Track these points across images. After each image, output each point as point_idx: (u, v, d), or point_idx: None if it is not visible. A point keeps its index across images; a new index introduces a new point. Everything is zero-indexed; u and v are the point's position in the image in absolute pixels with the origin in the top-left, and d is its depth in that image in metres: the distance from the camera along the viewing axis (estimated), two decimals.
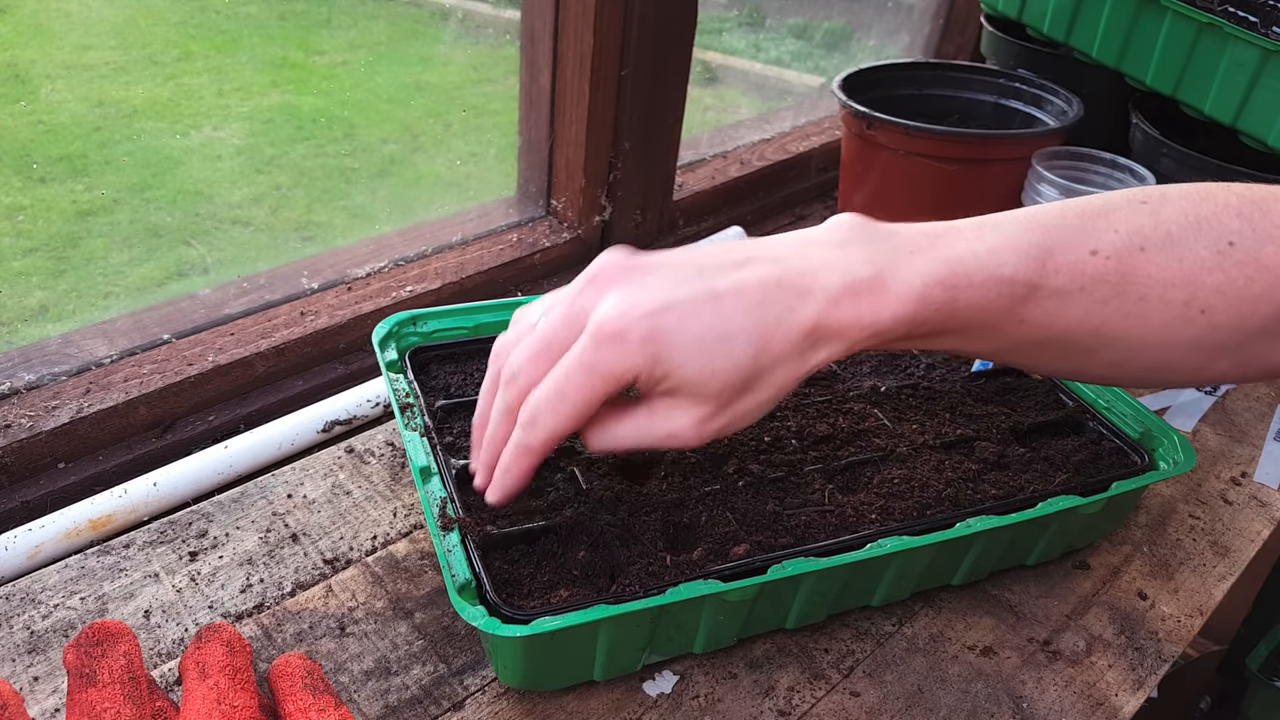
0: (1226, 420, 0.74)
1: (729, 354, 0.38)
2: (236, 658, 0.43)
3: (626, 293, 0.39)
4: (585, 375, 0.39)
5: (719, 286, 0.39)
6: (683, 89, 0.87)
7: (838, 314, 0.39)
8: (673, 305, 0.38)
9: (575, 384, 0.39)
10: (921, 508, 0.52)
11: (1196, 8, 0.75)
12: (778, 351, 0.39)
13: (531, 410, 0.41)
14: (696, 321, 0.38)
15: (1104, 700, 0.50)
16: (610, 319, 0.38)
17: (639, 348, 0.38)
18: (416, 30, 0.95)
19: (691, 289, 0.38)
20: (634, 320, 0.38)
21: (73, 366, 0.66)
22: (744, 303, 0.38)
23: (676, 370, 0.38)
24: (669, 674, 0.49)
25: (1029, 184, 0.80)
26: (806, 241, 0.41)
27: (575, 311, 0.40)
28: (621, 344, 0.38)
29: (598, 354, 0.38)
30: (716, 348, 0.38)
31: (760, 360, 0.38)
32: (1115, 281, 0.39)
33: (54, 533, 0.56)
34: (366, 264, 0.80)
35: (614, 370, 0.38)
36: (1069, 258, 0.39)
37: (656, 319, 0.38)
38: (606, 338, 0.38)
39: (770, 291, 0.39)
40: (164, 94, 0.76)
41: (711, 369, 0.38)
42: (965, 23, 1.26)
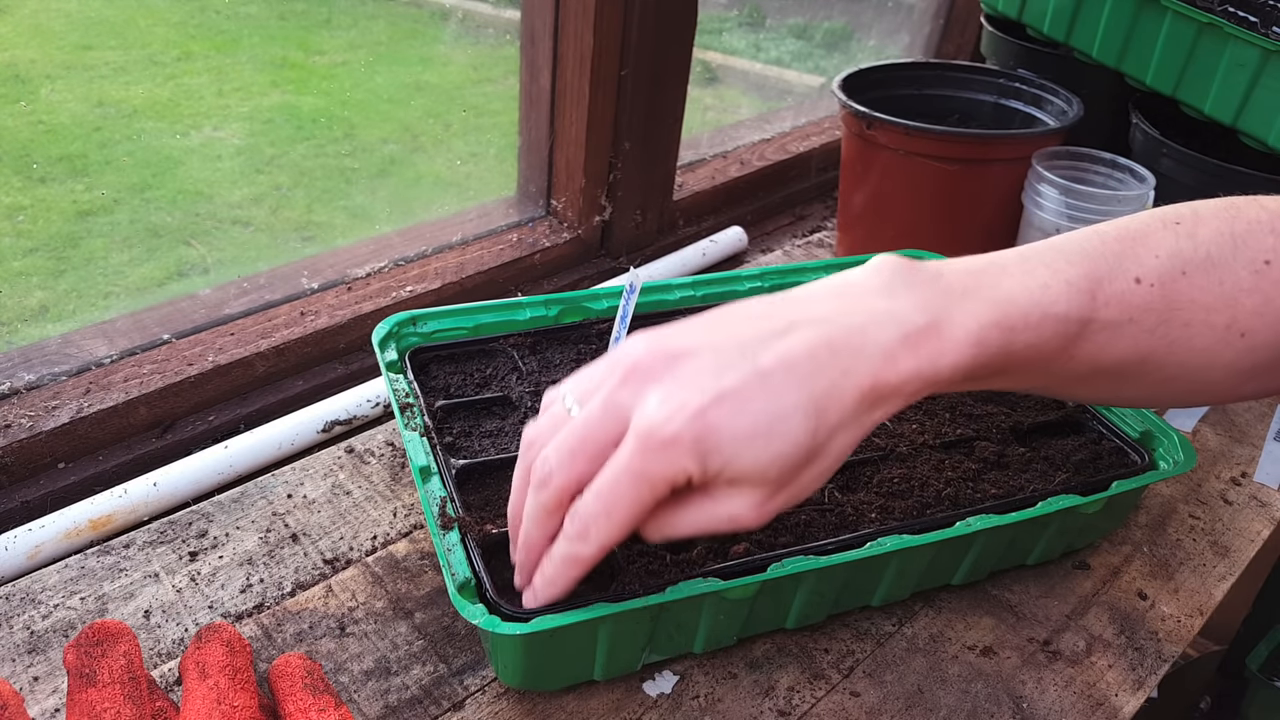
0: (1226, 420, 0.74)
1: (785, 435, 0.36)
2: (236, 658, 0.43)
3: (670, 390, 0.36)
4: (635, 485, 0.36)
5: (765, 364, 0.36)
6: (683, 89, 0.87)
7: (895, 370, 0.37)
8: (722, 397, 0.35)
9: (626, 496, 0.37)
10: (921, 507, 0.52)
11: (1196, 8, 0.75)
12: (835, 420, 0.37)
13: (581, 523, 0.38)
14: (747, 410, 0.36)
15: (1104, 700, 0.50)
16: (657, 424, 0.36)
17: (690, 451, 0.35)
18: (416, 30, 0.95)
19: (737, 374, 0.36)
20: (683, 424, 0.35)
21: (73, 366, 0.66)
22: (794, 377, 0.36)
23: (731, 464, 0.36)
24: (669, 674, 0.49)
25: (1029, 184, 0.80)
26: (848, 291, 0.39)
27: (614, 408, 0.38)
28: (672, 450, 0.36)
29: (646, 463, 0.36)
30: (771, 432, 0.36)
31: (818, 434, 0.36)
32: (1161, 309, 0.38)
33: (54, 533, 0.56)
34: (366, 264, 0.80)
35: (665, 476, 0.36)
36: (1116, 288, 0.38)
37: (705, 417, 0.35)
38: (656, 446, 0.36)
39: (821, 359, 0.36)
40: (164, 94, 0.76)
41: (770, 455, 0.36)
42: (965, 23, 1.26)
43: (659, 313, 0.67)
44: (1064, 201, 0.76)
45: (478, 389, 0.60)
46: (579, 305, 0.66)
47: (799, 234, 1.04)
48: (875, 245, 0.86)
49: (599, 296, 0.67)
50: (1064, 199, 0.76)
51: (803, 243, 0.99)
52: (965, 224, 0.85)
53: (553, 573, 0.40)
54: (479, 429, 0.56)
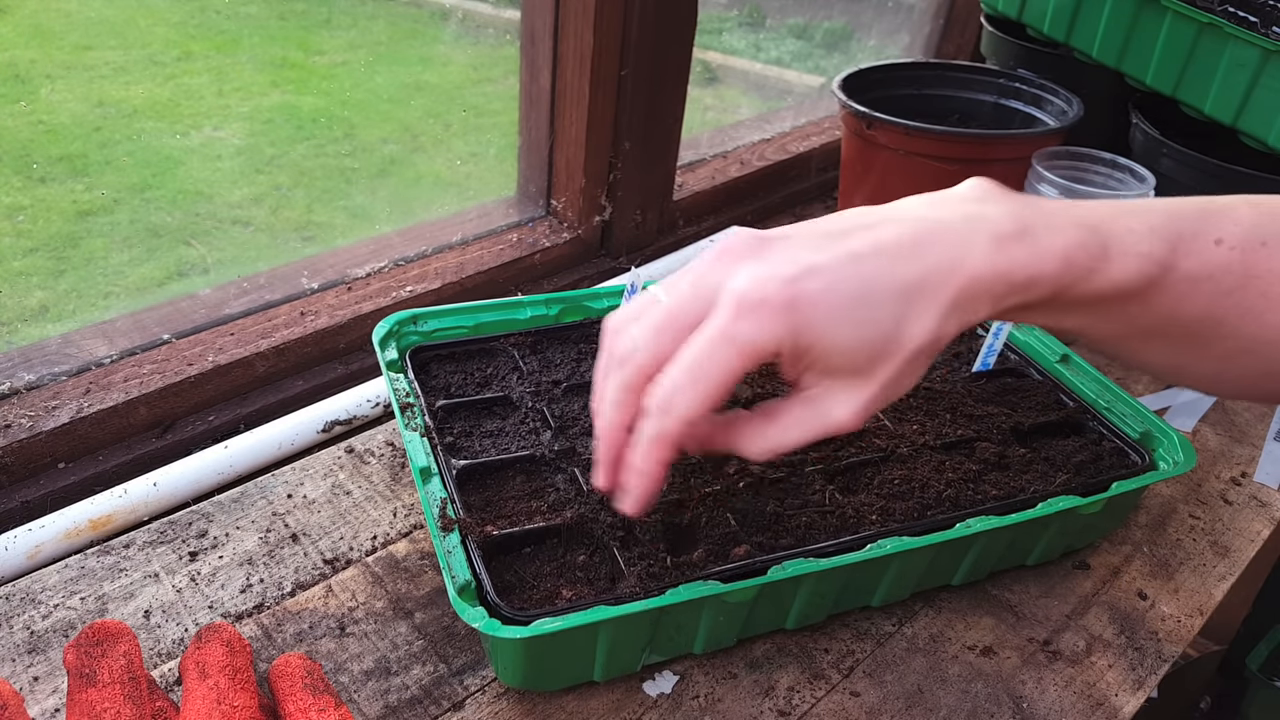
0: (1226, 420, 0.74)
1: (874, 318, 0.36)
2: (236, 658, 0.43)
3: (762, 263, 0.37)
4: (724, 348, 0.36)
5: (857, 248, 0.36)
6: (683, 89, 0.87)
7: (990, 266, 0.36)
8: (814, 270, 0.36)
9: (714, 358, 0.36)
10: (922, 508, 0.52)
11: (1196, 8, 0.75)
12: (925, 311, 0.36)
13: (665, 393, 0.37)
14: (839, 287, 0.36)
15: (1104, 700, 0.50)
16: (749, 288, 0.36)
17: (781, 316, 0.35)
18: (416, 30, 0.95)
19: (829, 254, 0.36)
20: (775, 288, 0.35)
21: (73, 366, 0.66)
22: (886, 261, 0.36)
23: (821, 340, 0.36)
24: (669, 674, 0.49)
25: (1029, 184, 0.80)
26: (942, 200, 0.39)
27: (704, 285, 0.38)
28: (763, 312, 0.35)
29: (737, 324, 0.36)
30: (862, 312, 0.36)
31: (908, 321, 0.36)
32: (1239, 273, 0.38)
33: (54, 533, 0.56)
34: (366, 264, 0.80)
35: (755, 340, 0.36)
36: (1197, 244, 0.38)
37: (798, 285, 0.35)
38: (747, 307, 0.36)
39: (914, 249, 0.36)
40: (164, 94, 0.76)
41: (861, 337, 0.36)
42: (965, 23, 1.26)
43: None
44: None
45: (478, 389, 0.60)
46: (580, 304, 0.66)
47: None
48: None
49: (599, 296, 0.67)
50: (1064, 199, 0.76)
51: None
52: None
53: (640, 460, 0.39)
54: (480, 429, 0.56)
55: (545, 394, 0.59)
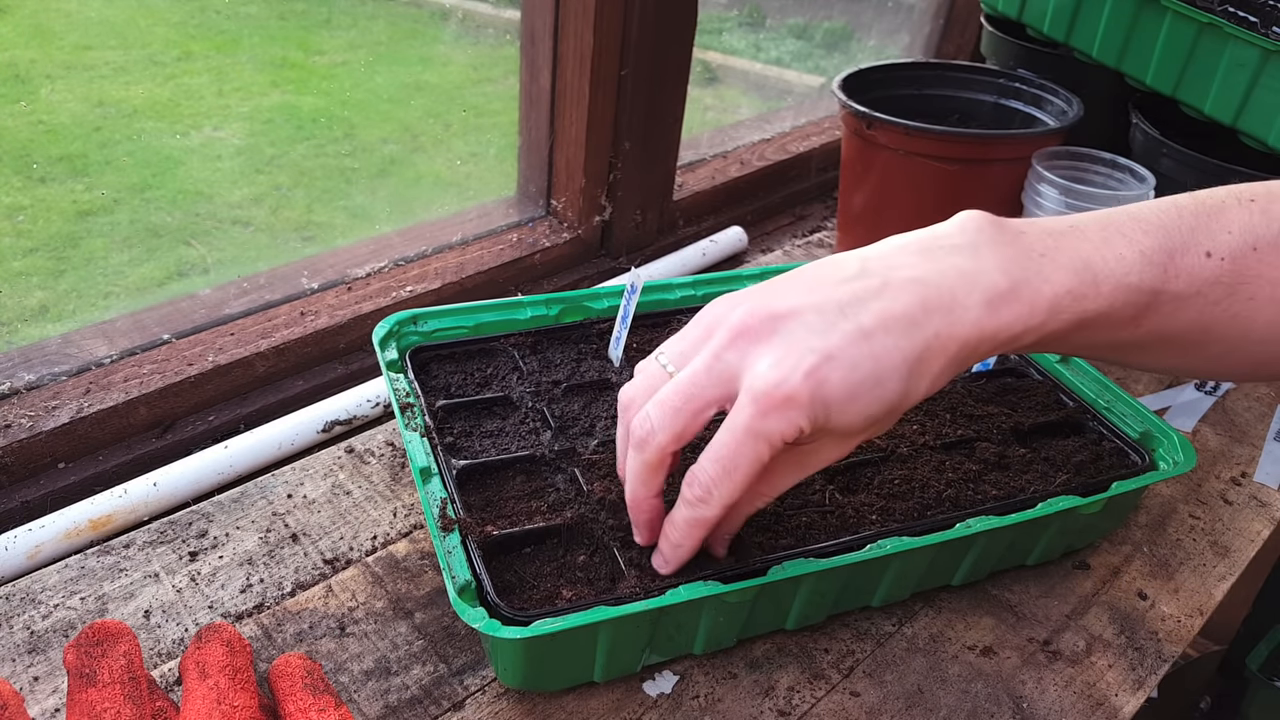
0: (1226, 420, 0.74)
1: (882, 395, 0.38)
2: (236, 658, 0.43)
3: (781, 351, 0.38)
4: (754, 444, 0.38)
5: (866, 324, 0.38)
6: (683, 89, 0.87)
7: (979, 330, 0.39)
8: (831, 357, 0.37)
9: (746, 455, 0.38)
10: (922, 508, 0.52)
11: (1196, 8, 0.75)
12: (924, 377, 0.39)
13: (703, 488, 0.40)
14: (855, 371, 0.38)
15: (1104, 700, 0.50)
16: (776, 384, 0.37)
17: (806, 408, 0.37)
18: (416, 30, 0.95)
19: (842, 335, 0.38)
20: (799, 383, 0.37)
21: (73, 366, 0.66)
22: (893, 338, 0.38)
23: (840, 419, 0.38)
24: (669, 674, 0.49)
25: (1029, 184, 0.80)
26: (934, 249, 0.40)
27: (720, 367, 0.39)
28: (790, 409, 0.37)
29: (767, 422, 0.38)
30: (872, 391, 0.38)
31: (910, 390, 0.39)
32: (1229, 283, 0.39)
33: (54, 533, 0.56)
34: (366, 264, 0.80)
35: (782, 433, 0.38)
36: (1187, 261, 0.39)
37: (818, 377, 0.37)
38: (776, 404, 0.37)
39: (916, 320, 0.38)
40: (164, 94, 0.76)
41: (869, 411, 0.38)
42: (965, 23, 1.26)
43: (660, 312, 0.67)
44: (1064, 201, 0.76)
45: (478, 389, 0.60)
46: (580, 305, 0.66)
47: (799, 234, 1.04)
48: None
49: (600, 296, 0.67)
50: (1064, 199, 0.76)
51: (803, 243, 0.99)
52: None
53: (679, 537, 0.43)
54: (480, 429, 0.56)
55: (545, 394, 0.59)
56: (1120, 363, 0.45)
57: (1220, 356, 0.42)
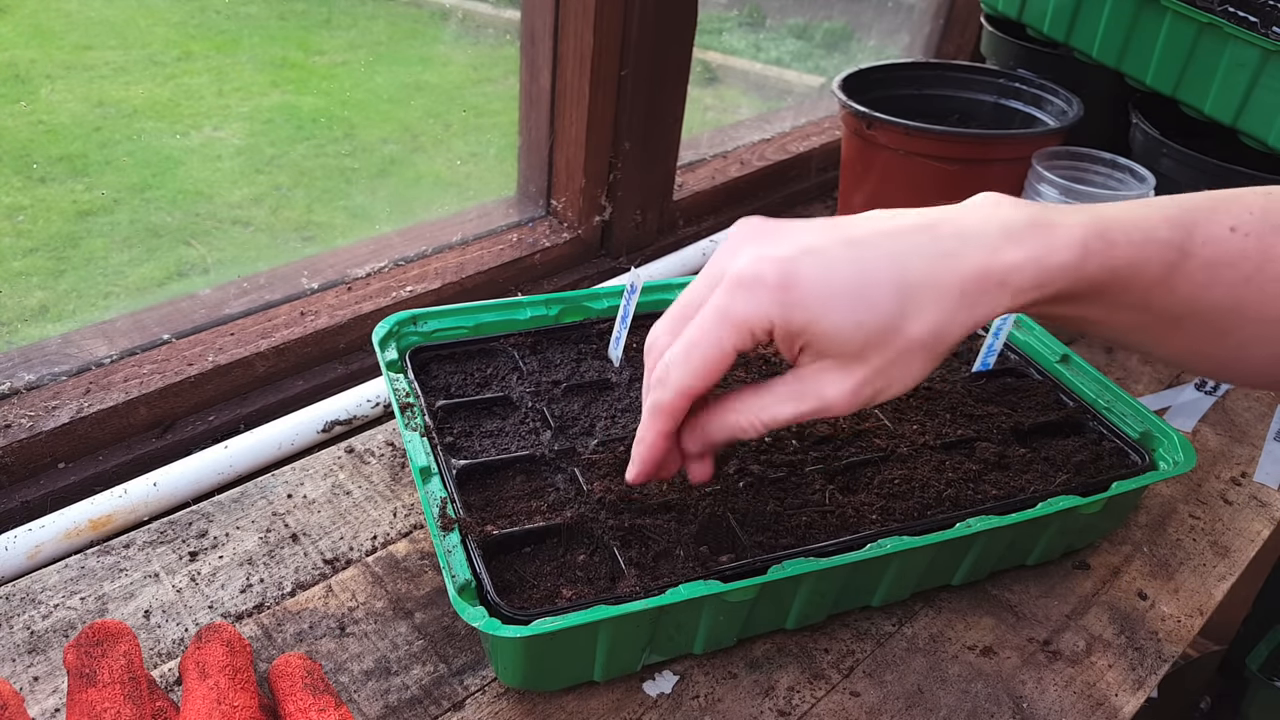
0: (1226, 420, 0.74)
1: (872, 303, 0.36)
2: (236, 658, 0.43)
3: (762, 244, 0.37)
4: (715, 322, 0.37)
5: (858, 234, 0.37)
6: (683, 89, 0.87)
7: (1001, 258, 0.36)
8: (810, 250, 0.36)
9: (705, 333, 0.37)
10: (922, 508, 0.52)
11: (1196, 8, 0.75)
12: (931, 302, 0.36)
13: (663, 367, 0.39)
14: (835, 268, 0.36)
15: (1104, 700, 0.50)
16: (745, 266, 0.37)
17: (773, 293, 0.36)
18: (416, 30, 0.95)
19: (829, 236, 0.37)
20: (768, 265, 0.36)
21: (73, 366, 0.66)
22: (887, 249, 0.36)
23: (815, 321, 0.36)
24: (669, 674, 0.49)
25: (1029, 184, 0.80)
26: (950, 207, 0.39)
27: (713, 270, 0.39)
28: (755, 288, 0.36)
29: (731, 301, 0.37)
30: (858, 295, 0.36)
31: (908, 312, 0.36)
32: (1256, 259, 0.38)
33: (54, 533, 0.56)
34: (366, 264, 0.80)
35: (746, 316, 0.36)
36: (1212, 231, 0.38)
37: (791, 264, 0.36)
38: (741, 284, 0.36)
39: (918, 238, 0.36)
40: (164, 94, 0.76)
41: (855, 320, 0.36)
42: (965, 23, 1.26)
43: (660, 312, 0.67)
44: (1064, 202, 0.76)
45: (478, 389, 0.60)
46: (579, 305, 0.66)
47: None
48: None
49: (599, 296, 0.67)
50: (1064, 199, 0.76)
51: None
52: None
53: (641, 429, 0.42)
54: (479, 429, 0.56)
55: (545, 394, 0.59)
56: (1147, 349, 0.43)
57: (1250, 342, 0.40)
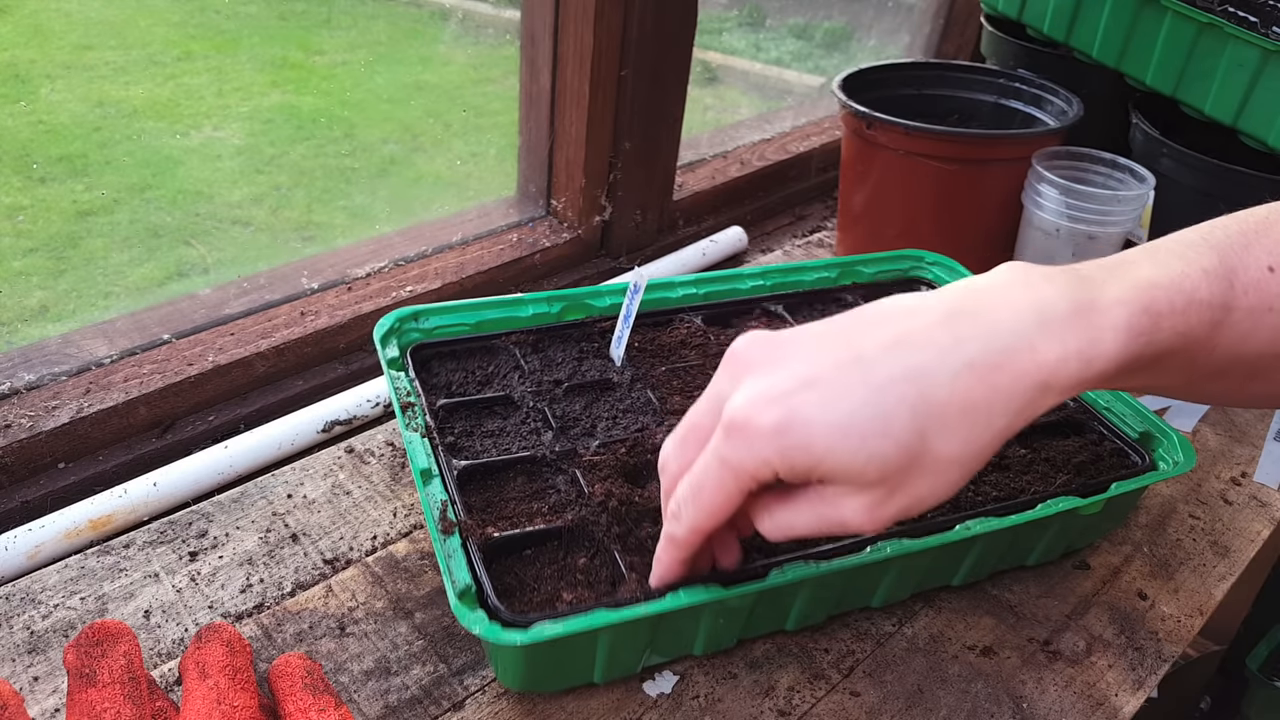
0: (1226, 420, 0.74)
1: (887, 434, 0.31)
2: (236, 658, 0.43)
3: (760, 377, 0.34)
4: (718, 471, 0.35)
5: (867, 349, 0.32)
6: (683, 89, 0.87)
7: (1041, 359, 0.32)
8: (811, 383, 0.32)
9: (711, 480, 0.36)
10: None
11: (1196, 8, 0.75)
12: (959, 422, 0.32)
13: (675, 504, 0.38)
14: (841, 401, 0.32)
15: (1104, 700, 0.50)
16: (738, 409, 0.34)
17: (769, 440, 0.33)
18: (416, 30, 0.95)
19: (834, 358, 0.33)
20: (761, 408, 0.33)
21: (73, 366, 0.66)
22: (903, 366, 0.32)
23: (821, 461, 0.32)
24: (669, 674, 0.49)
25: (1029, 184, 0.80)
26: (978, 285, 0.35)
27: (715, 396, 0.37)
28: (750, 436, 0.33)
29: (727, 449, 0.34)
30: (869, 429, 0.31)
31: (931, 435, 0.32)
32: None
33: (54, 533, 0.56)
34: (366, 264, 0.80)
35: (743, 464, 0.34)
36: (1251, 276, 0.36)
37: (789, 403, 0.32)
38: (733, 429, 0.34)
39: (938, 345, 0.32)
40: (164, 94, 0.77)
41: (867, 454, 0.32)
42: (965, 23, 1.26)
43: (662, 311, 0.67)
44: (1064, 201, 0.76)
45: (479, 387, 0.60)
46: (582, 302, 0.66)
47: (799, 234, 1.04)
48: (875, 245, 0.86)
49: (602, 294, 0.67)
50: (1064, 199, 0.76)
51: (803, 243, 0.99)
52: (965, 224, 0.85)
53: (658, 552, 0.42)
54: (481, 428, 0.56)
55: (547, 394, 0.59)
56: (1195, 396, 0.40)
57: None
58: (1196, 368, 0.36)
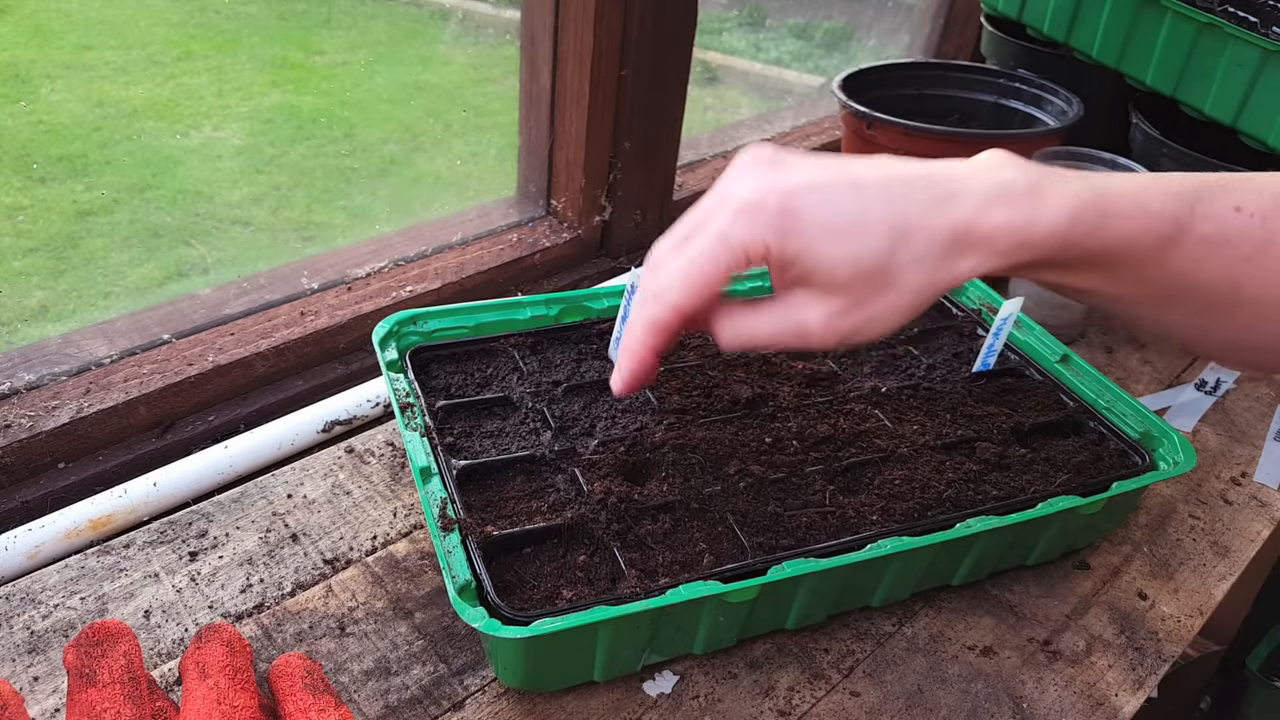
0: (1226, 420, 0.74)
1: (864, 240, 0.37)
2: (236, 658, 0.43)
3: (769, 174, 0.39)
4: (715, 243, 0.39)
5: (864, 176, 0.38)
6: (683, 89, 0.87)
7: (989, 217, 0.38)
8: (813, 186, 0.38)
9: (705, 252, 0.39)
10: (923, 509, 0.52)
11: (1196, 8, 0.75)
12: (919, 248, 0.38)
13: (660, 282, 0.41)
14: (834, 204, 0.38)
15: (1104, 700, 0.50)
16: (750, 193, 0.38)
17: (773, 220, 0.38)
18: (416, 30, 0.95)
19: (833, 174, 0.38)
20: (772, 195, 0.38)
21: (73, 366, 0.66)
22: (886, 192, 0.38)
23: (808, 250, 0.38)
24: (669, 674, 0.49)
25: None
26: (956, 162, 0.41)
27: (719, 196, 0.41)
28: (757, 214, 0.38)
29: (732, 224, 0.38)
30: (851, 231, 0.37)
31: (898, 253, 0.38)
32: (1258, 240, 0.38)
33: (54, 533, 0.56)
34: (366, 264, 0.80)
35: (744, 239, 0.38)
36: (1215, 208, 0.38)
37: (794, 196, 0.38)
38: (743, 208, 0.38)
39: (916, 185, 0.38)
40: (164, 94, 0.77)
41: (845, 253, 0.38)
42: (965, 23, 1.26)
43: None
44: None
45: (478, 389, 0.60)
46: (580, 305, 0.66)
47: None
48: None
49: (599, 296, 0.67)
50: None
51: None
52: None
53: (629, 340, 0.43)
54: (480, 429, 0.56)
55: (545, 394, 0.59)
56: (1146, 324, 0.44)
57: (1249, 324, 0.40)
58: (1146, 280, 0.40)
